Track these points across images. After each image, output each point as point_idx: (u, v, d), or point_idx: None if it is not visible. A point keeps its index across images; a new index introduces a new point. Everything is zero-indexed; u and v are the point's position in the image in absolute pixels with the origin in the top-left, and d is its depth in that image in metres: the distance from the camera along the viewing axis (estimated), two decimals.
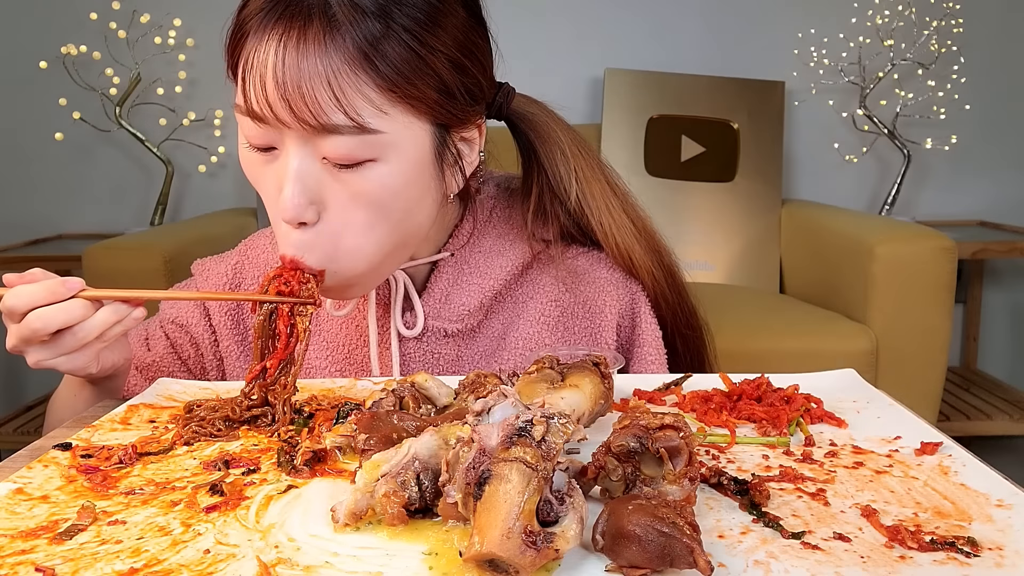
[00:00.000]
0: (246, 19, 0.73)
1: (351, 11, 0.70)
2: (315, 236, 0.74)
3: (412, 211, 0.77)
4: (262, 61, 0.70)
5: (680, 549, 0.43)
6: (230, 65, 0.76)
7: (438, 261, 0.89)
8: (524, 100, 0.90)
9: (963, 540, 0.47)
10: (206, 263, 0.98)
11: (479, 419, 0.50)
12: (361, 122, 0.70)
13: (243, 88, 0.72)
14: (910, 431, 0.65)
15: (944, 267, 1.80)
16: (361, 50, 0.70)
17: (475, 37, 0.78)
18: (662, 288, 0.93)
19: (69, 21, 2.52)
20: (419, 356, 0.88)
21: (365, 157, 0.72)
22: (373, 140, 0.71)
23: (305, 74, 0.69)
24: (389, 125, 0.72)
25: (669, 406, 0.73)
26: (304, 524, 0.51)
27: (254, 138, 0.74)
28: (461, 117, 0.78)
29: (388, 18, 0.71)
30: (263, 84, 0.70)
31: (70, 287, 0.71)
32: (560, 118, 0.92)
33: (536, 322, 0.89)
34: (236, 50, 0.74)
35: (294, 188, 0.72)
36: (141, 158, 2.61)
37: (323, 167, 0.72)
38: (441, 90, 0.75)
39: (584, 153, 0.91)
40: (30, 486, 0.57)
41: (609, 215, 0.91)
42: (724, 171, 2.42)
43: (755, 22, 2.61)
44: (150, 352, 0.94)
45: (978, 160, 2.64)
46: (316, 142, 0.71)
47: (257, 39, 0.71)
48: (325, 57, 0.69)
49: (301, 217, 0.73)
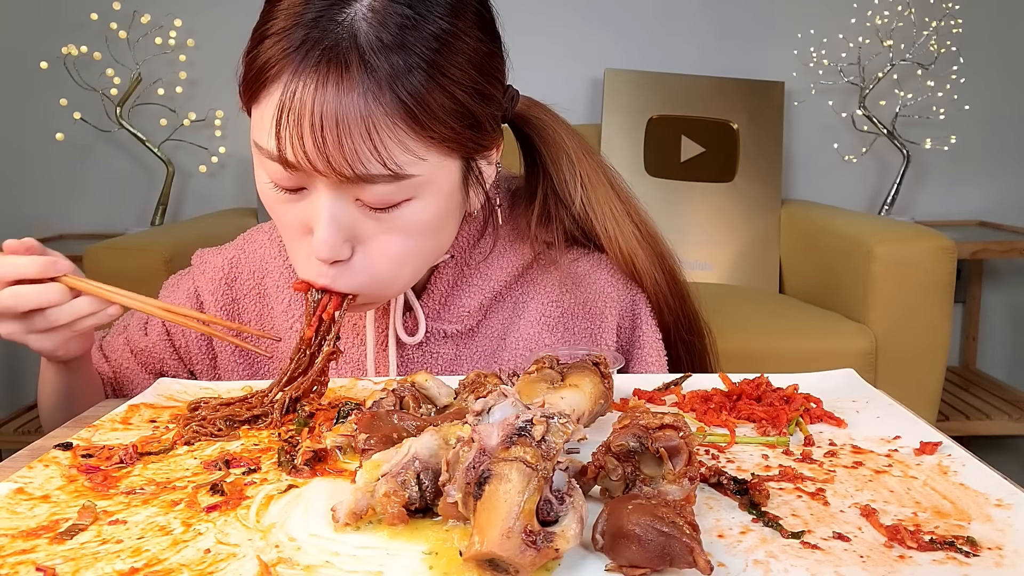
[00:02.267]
0: (272, 59, 0.69)
1: (385, 55, 0.67)
2: (349, 270, 0.74)
3: (440, 235, 0.78)
4: (296, 109, 0.67)
5: (680, 549, 0.43)
6: (249, 100, 0.72)
7: (438, 264, 0.89)
8: (528, 103, 0.89)
9: (962, 540, 0.47)
10: (205, 254, 0.98)
11: (479, 419, 0.51)
12: (398, 172, 0.69)
13: (277, 135, 0.68)
14: (909, 431, 0.65)
15: (943, 267, 1.80)
16: (400, 99, 0.67)
17: (497, 62, 0.77)
18: (664, 293, 0.93)
19: (70, 21, 2.52)
20: (417, 357, 0.88)
21: (401, 199, 0.71)
22: (408, 184, 0.71)
23: (343, 125, 0.66)
24: (424, 168, 0.71)
25: (669, 406, 0.73)
26: (304, 524, 0.51)
27: (282, 180, 0.72)
28: (487, 144, 0.78)
29: (425, 64, 0.68)
30: (300, 133, 0.67)
31: (58, 268, 0.73)
32: (565, 122, 0.91)
33: (536, 323, 0.89)
34: (259, 90, 0.70)
35: (329, 231, 0.71)
36: (142, 158, 2.61)
37: (356, 207, 0.72)
38: (473, 127, 0.74)
39: (589, 158, 0.91)
40: (31, 486, 0.57)
41: (613, 220, 0.91)
42: (724, 171, 2.42)
43: (755, 22, 2.61)
44: (147, 336, 0.95)
45: (977, 160, 2.64)
46: (351, 187, 0.70)
47: (290, 84, 0.67)
48: (364, 106, 0.67)
49: (336, 257, 0.72)
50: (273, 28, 0.69)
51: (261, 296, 0.94)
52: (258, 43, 0.71)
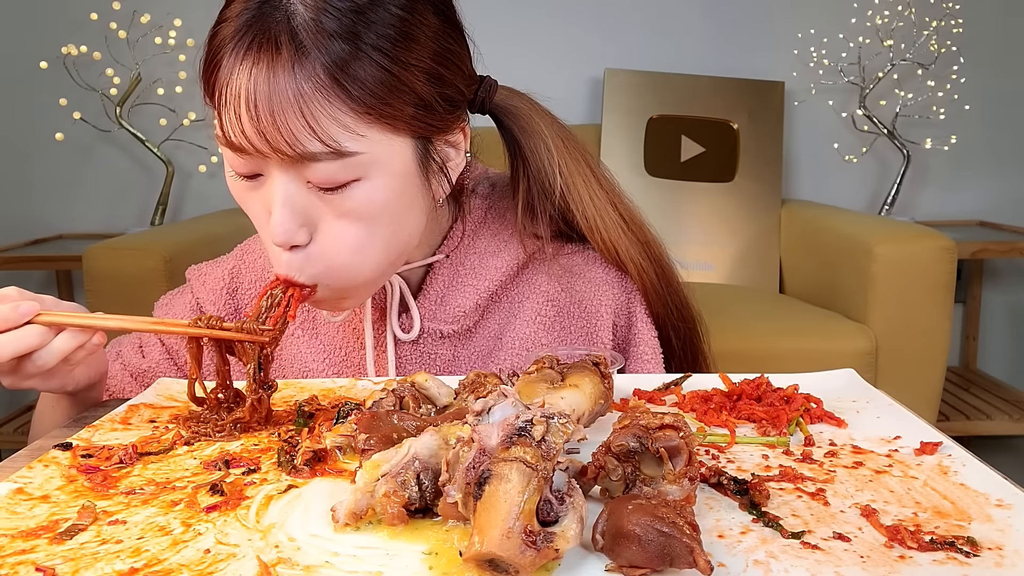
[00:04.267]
0: (219, 47, 0.71)
1: (318, 35, 0.69)
2: (307, 256, 0.74)
3: (402, 222, 0.77)
4: (235, 92, 0.69)
5: (680, 549, 0.43)
6: (206, 92, 0.74)
7: (433, 264, 0.88)
8: (507, 93, 0.88)
9: (963, 540, 0.47)
10: (201, 268, 0.97)
11: (479, 419, 0.51)
12: (338, 147, 0.70)
13: (219, 118, 0.72)
14: (910, 431, 0.65)
15: (944, 267, 1.80)
16: (331, 75, 0.69)
17: (450, 43, 0.77)
18: (651, 279, 0.92)
19: (69, 21, 2.52)
20: (415, 358, 0.88)
21: (348, 179, 0.72)
22: (353, 162, 0.71)
23: (277, 104, 0.68)
24: (367, 146, 0.71)
25: (669, 406, 0.73)
26: (304, 524, 0.51)
27: (238, 167, 0.74)
28: (441, 126, 0.77)
29: (357, 39, 0.70)
30: (238, 116, 0.70)
31: (22, 313, 0.69)
32: (545, 110, 0.90)
33: (532, 322, 0.89)
34: (211, 79, 0.73)
35: (282, 214, 0.72)
36: (141, 158, 2.61)
37: (309, 190, 0.72)
38: (418, 104, 0.74)
39: (568, 145, 0.90)
40: (30, 486, 0.57)
41: (593, 208, 0.90)
42: (724, 171, 2.42)
43: (755, 22, 2.61)
44: (144, 359, 0.94)
45: (977, 160, 2.64)
46: (299, 168, 0.71)
47: (228, 69, 0.70)
48: (295, 85, 0.68)
49: (292, 241, 0.73)
50: (227, 15, 0.72)
51: None
52: (212, 35, 0.73)
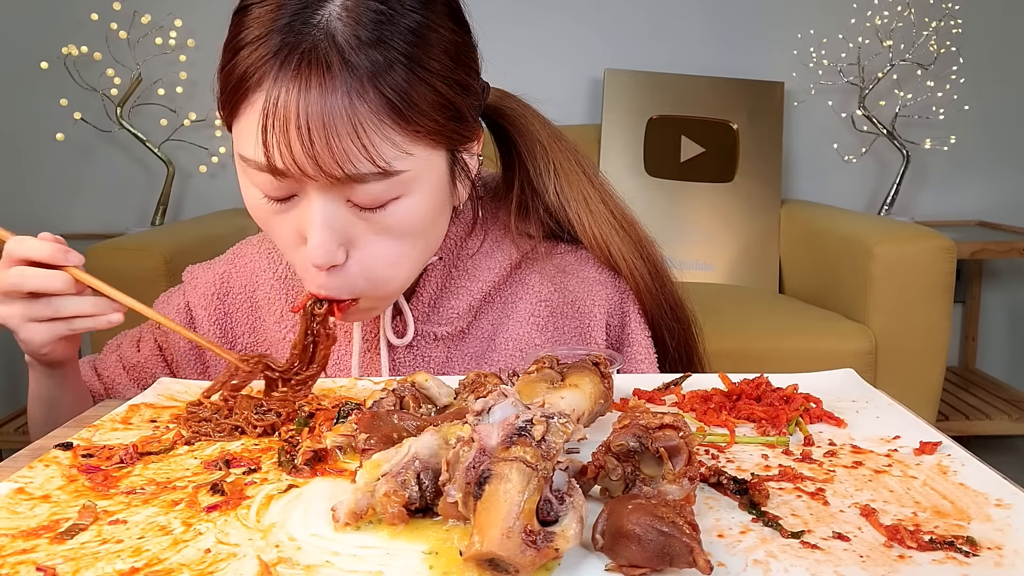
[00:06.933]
0: (252, 69, 0.68)
1: (366, 54, 0.67)
2: (345, 274, 0.74)
3: (433, 232, 0.79)
4: (281, 115, 0.66)
5: (680, 548, 0.43)
6: (229, 115, 0.71)
7: (427, 266, 0.88)
8: (499, 94, 0.89)
9: (962, 540, 0.48)
10: (196, 270, 0.97)
11: (479, 419, 0.51)
12: (387, 167, 0.69)
13: (264, 143, 0.68)
14: (909, 431, 0.65)
15: (943, 267, 1.80)
16: (382, 94, 0.67)
17: (471, 51, 0.77)
18: (644, 279, 0.91)
19: (70, 22, 2.52)
20: (408, 360, 0.88)
21: (391, 197, 0.71)
22: (398, 180, 0.70)
23: (331, 126, 0.66)
24: (412, 164, 0.71)
25: (669, 406, 0.73)
26: (305, 523, 0.51)
27: (272, 190, 0.71)
28: (469, 135, 0.78)
29: (405, 57, 0.68)
30: (286, 138, 0.67)
31: (68, 258, 0.75)
32: (536, 111, 0.91)
33: (526, 323, 0.89)
34: (239, 101, 0.69)
35: (322, 236, 0.70)
36: (142, 158, 2.61)
37: (348, 208, 0.71)
38: (455, 117, 0.74)
39: (560, 145, 0.90)
40: (31, 486, 0.57)
41: (587, 207, 0.90)
42: (724, 172, 2.42)
43: (755, 22, 2.61)
44: (139, 352, 0.95)
45: (977, 160, 2.64)
46: (341, 188, 0.70)
47: (268, 89, 0.67)
48: (350, 107, 0.66)
49: (332, 262, 0.72)
50: (247, 38, 0.69)
51: (253, 309, 0.94)
52: (233, 55, 0.70)
